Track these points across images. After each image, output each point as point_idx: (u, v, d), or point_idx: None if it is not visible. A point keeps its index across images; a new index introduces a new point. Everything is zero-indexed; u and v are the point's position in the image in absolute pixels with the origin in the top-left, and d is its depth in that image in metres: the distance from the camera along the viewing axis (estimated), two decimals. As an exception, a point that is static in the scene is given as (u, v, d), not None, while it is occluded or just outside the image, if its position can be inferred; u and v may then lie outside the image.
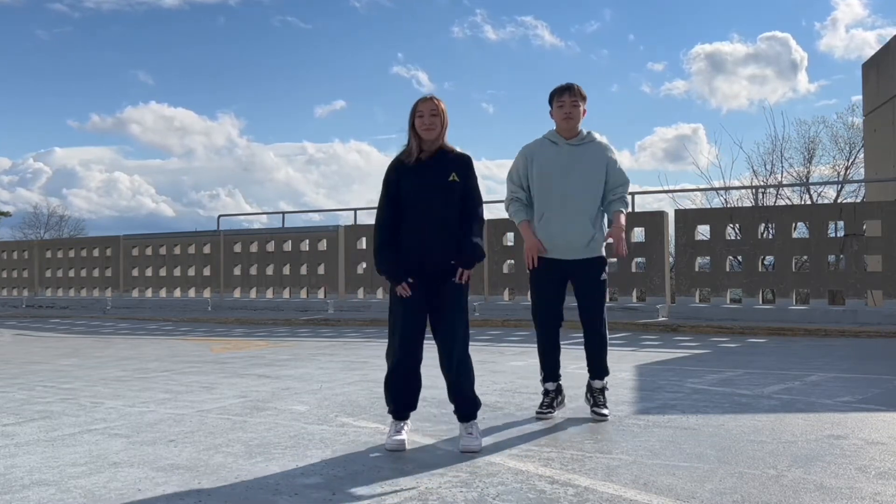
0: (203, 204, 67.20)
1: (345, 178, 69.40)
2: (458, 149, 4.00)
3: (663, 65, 62.62)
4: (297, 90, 74.42)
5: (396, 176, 3.94)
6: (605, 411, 4.46)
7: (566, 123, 4.46)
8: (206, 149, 75.08)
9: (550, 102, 4.53)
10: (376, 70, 69.37)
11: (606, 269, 4.59)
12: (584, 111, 4.51)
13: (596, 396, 4.55)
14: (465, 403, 3.91)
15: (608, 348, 4.61)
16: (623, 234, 4.49)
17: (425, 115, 3.88)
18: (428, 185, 3.88)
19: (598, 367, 4.58)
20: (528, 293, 4.88)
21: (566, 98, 4.45)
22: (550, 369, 4.58)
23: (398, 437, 3.86)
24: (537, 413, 4.51)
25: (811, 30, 56.00)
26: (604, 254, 4.55)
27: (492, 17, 66.15)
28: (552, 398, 4.55)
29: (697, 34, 64.01)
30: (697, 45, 66.01)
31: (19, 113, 73.67)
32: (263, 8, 70.70)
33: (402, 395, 3.94)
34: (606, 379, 4.61)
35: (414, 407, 4.00)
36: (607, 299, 4.66)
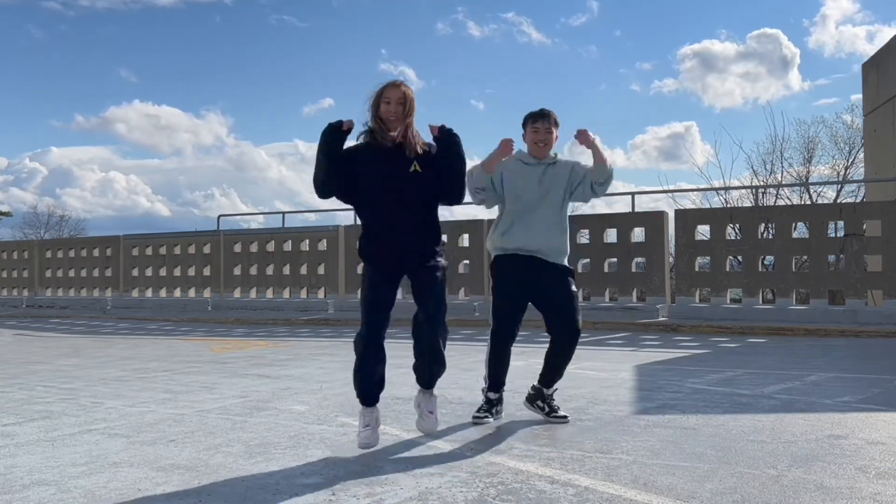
0: (198, 204, 67.12)
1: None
2: (422, 138, 3.85)
3: (652, 64, 62.48)
4: (284, 88, 74.17)
5: (360, 161, 3.79)
6: (562, 412, 4.48)
7: (537, 149, 4.43)
8: (194, 148, 74.97)
9: (524, 126, 4.50)
10: (363, 67, 68.88)
11: (574, 281, 4.52)
12: (557, 137, 4.49)
13: (550, 403, 4.51)
14: (437, 363, 3.94)
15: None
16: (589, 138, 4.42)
17: (392, 102, 3.74)
18: (395, 174, 3.76)
19: (559, 376, 4.54)
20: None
21: (540, 125, 4.43)
22: (498, 378, 4.52)
23: (367, 433, 3.79)
24: (473, 417, 4.44)
25: (800, 26, 55.95)
26: (570, 267, 4.53)
27: (473, 13, 65.82)
28: (492, 405, 4.49)
29: (685, 31, 63.83)
30: (686, 43, 66.08)
31: (17, 112, 73.69)
32: (259, 7, 70.66)
33: (373, 372, 3.83)
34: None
35: (382, 386, 3.90)
36: (579, 313, 4.48)
